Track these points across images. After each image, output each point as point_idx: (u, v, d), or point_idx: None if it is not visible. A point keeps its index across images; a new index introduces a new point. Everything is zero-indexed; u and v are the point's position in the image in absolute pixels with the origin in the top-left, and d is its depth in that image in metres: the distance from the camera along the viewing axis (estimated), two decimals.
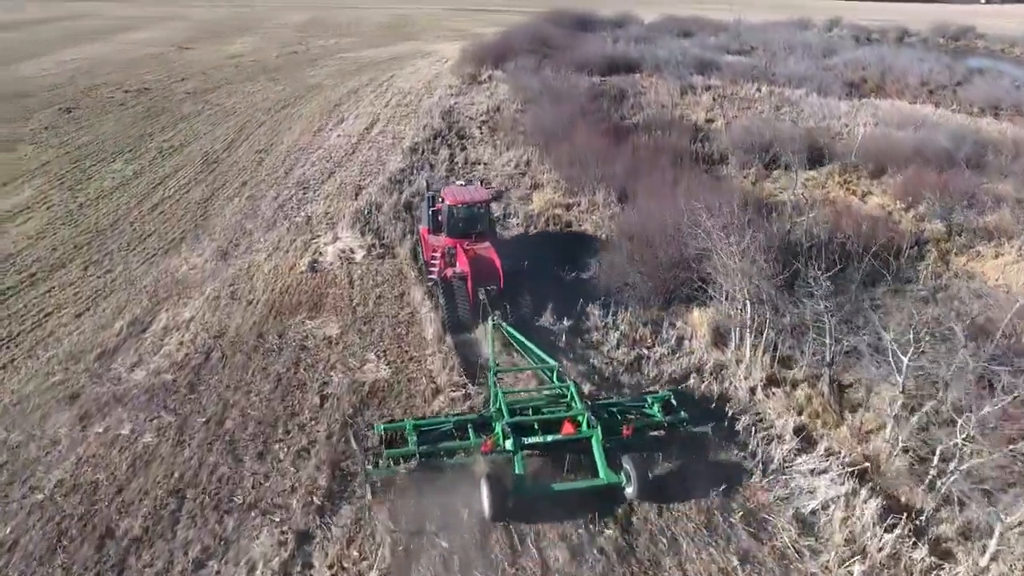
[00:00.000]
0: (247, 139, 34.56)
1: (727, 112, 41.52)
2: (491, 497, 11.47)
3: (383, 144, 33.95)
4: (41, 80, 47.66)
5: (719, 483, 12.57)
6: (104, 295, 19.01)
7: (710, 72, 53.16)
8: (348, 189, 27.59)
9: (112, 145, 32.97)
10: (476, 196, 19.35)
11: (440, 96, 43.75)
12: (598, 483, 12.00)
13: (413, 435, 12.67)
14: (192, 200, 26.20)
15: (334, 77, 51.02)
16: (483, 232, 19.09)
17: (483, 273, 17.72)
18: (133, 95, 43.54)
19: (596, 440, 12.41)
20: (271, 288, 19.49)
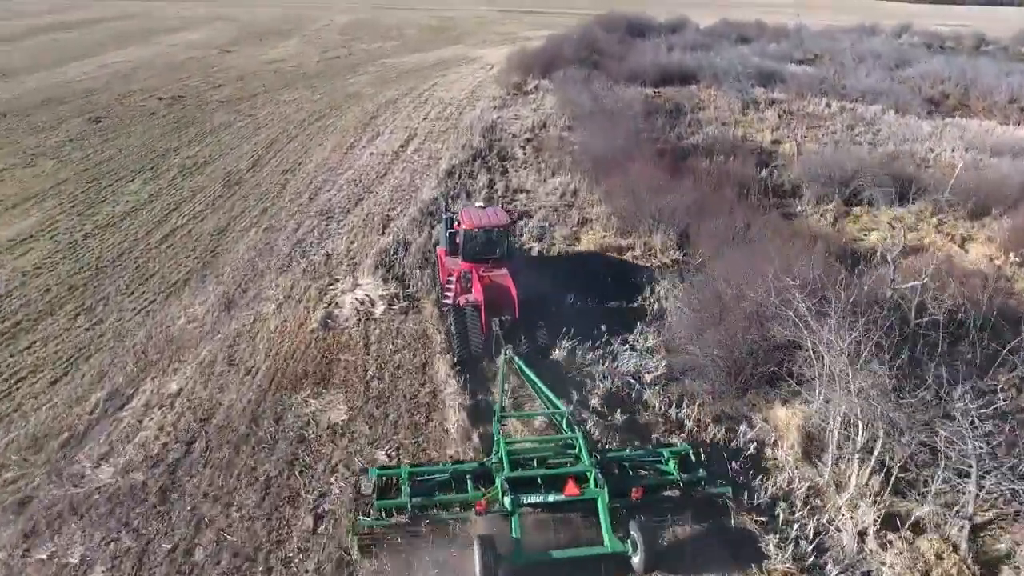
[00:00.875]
0: (275, 156, 32.07)
1: (796, 133, 37.44)
2: (483, 563, 10.45)
3: (418, 165, 31.04)
4: (78, 84, 46.31)
5: (738, 555, 11.25)
6: (87, 354, 16.47)
7: (773, 84, 48.96)
8: (375, 221, 24.73)
9: (134, 161, 30.84)
10: (494, 220, 17.96)
11: (482, 109, 40.67)
12: (601, 551, 10.91)
13: (407, 484, 11.77)
14: (205, 231, 23.68)
15: (374, 85, 48.46)
16: (501, 258, 17.80)
17: (498, 302, 16.63)
18: (166, 103, 41.64)
19: (602, 502, 11.29)
20: (275, 351, 16.69)
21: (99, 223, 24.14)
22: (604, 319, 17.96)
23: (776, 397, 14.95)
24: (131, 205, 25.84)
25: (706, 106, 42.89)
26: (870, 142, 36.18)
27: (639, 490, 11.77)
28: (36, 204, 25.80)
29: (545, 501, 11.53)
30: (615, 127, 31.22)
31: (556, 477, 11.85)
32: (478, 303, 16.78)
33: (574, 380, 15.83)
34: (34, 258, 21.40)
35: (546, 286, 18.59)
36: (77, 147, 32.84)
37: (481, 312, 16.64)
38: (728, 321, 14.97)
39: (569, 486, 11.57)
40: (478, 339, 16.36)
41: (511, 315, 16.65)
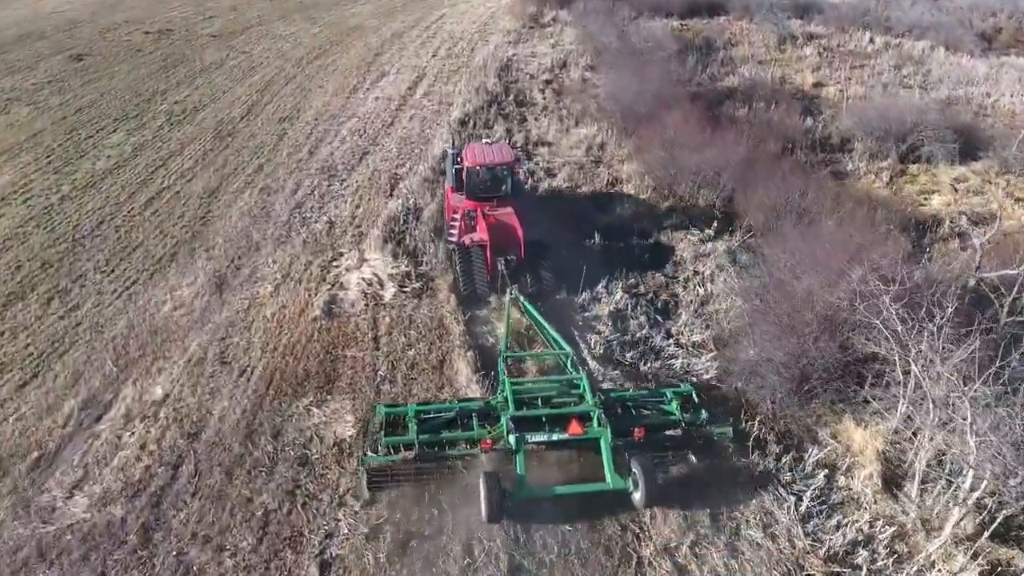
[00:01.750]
0: (271, 101, 29.19)
1: (839, 74, 34.02)
2: (488, 498, 10.61)
3: (428, 112, 28.18)
4: (59, 16, 42.74)
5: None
6: (61, 349, 14.52)
7: (810, 16, 44.81)
8: (382, 180, 22.24)
9: (117, 108, 28.08)
10: (499, 158, 17.16)
11: (496, 45, 37.16)
12: (603, 488, 11.10)
13: (414, 422, 11.90)
14: (194, 193, 21.30)
15: (377, 16, 44.61)
16: (506, 196, 17.21)
17: (503, 241, 16.31)
18: (153, 38, 38.25)
19: (605, 441, 11.39)
20: (273, 346, 14.69)
21: (77, 183, 21.75)
22: (637, 303, 15.86)
23: (846, 409, 12.97)
24: (113, 161, 23.36)
25: (739, 42, 39.13)
26: (921, 85, 32.88)
27: (641, 430, 11.73)
28: (9, 160, 23.35)
29: (549, 440, 11.58)
30: (644, 68, 28.12)
31: (560, 417, 11.92)
32: (483, 243, 16.32)
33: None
34: (5, 227, 19.19)
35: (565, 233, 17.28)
36: (56, 90, 29.98)
37: (486, 252, 16.20)
38: (796, 322, 12.79)
39: (573, 425, 11.66)
40: (483, 279, 16.08)
41: (516, 255, 16.30)
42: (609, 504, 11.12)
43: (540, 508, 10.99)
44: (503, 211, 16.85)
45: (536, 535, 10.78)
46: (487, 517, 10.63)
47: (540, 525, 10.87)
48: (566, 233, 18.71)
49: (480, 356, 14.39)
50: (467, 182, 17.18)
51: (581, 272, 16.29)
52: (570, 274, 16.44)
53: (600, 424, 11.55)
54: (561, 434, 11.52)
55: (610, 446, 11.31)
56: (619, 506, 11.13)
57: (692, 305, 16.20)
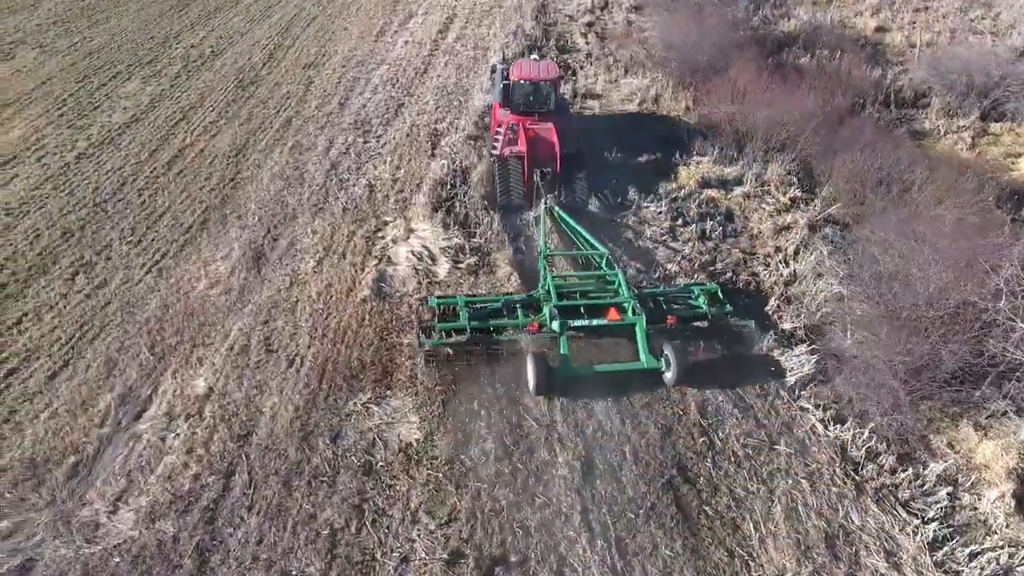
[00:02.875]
0: (294, 45, 26.94)
1: (902, 17, 31.24)
2: (536, 373, 11.73)
3: (463, 58, 25.94)
4: None
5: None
6: (91, 333, 13.18)
7: None
8: (421, 137, 20.37)
9: (130, 52, 25.93)
10: (543, 73, 17.59)
11: None
12: (638, 367, 12.14)
13: (465, 310, 12.85)
14: (220, 150, 19.54)
15: None
16: (549, 112, 17.48)
17: (540, 154, 16.72)
18: None
19: (640, 327, 12.40)
20: (321, 331, 13.31)
21: (93, 139, 19.99)
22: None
23: (962, 414, 11.61)
24: (130, 113, 21.49)
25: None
26: (991, 31, 30.16)
27: (673, 318, 12.89)
28: (18, 112, 21.51)
29: (589, 325, 12.56)
30: (697, 11, 25.60)
31: (598, 307, 12.90)
32: (521, 154, 16.80)
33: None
34: (19, 189, 17.59)
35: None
36: (63, 32, 27.75)
37: (524, 163, 16.71)
38: (919, 317, 11.27)
39: (611, 312, 12.73)
40: (519, 189, 16.69)
41: (553, 168, 16.68)
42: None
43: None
44: (544, 125, 17.12)
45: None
46: (535, 390, 11.82)
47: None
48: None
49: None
50: (512, 96, 17.54)
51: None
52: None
53: (635, 312, 12.52)
54: (600, 320, 12.58)
55: (644, 332, 12.30)
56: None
57: (777, 288, 14.64)
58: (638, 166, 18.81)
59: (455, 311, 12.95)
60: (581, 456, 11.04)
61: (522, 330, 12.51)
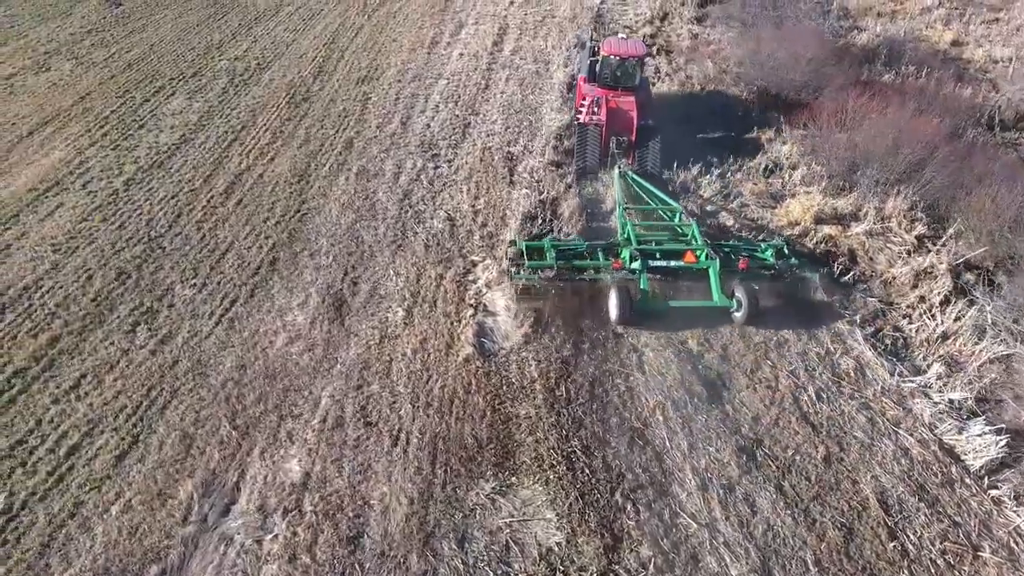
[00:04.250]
0: (343, 57, 25.04)
1: (972, 28, 29.24)
2: (619, 304, 12.63)
3: (524, 72, 24.01)
4: None
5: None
6: (160, 401, 11.30)
7: None
8: (496, 161, 18.47)
9: (171, 64, 24.06)
10: (631, 50, 18.30)
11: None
12: (711, 304, 12.92)
13: (551, 251, 13.51)
14: (280, 176, 17.65)
15: None
16: (632, 87, 18.18)
17: (618, 123, 17.68)
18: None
19: (713, 270, 13.13)
20: (425, 399, 11.41)
21: (141, 162, 18.11)
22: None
23: None
24: (178, 133, 19.60)
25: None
26: None
27: (744, 261, 13.56)
28: (58, 130, 19.64)
29: (667, 266, 13.43)
30: (767, 23, 23.61)
31: (674, 252, 13.70)
32: (601, 123, 17.71)
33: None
34: (66, 221, 15.71)
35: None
36: (98, 42, 25.88)
37: (602, 131, 17.66)
38: None
39: (688, 255, 13.53)
40: (595, 155, 17.62)
41: (628, 137, 17.58)
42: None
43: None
44: (625, 98, 17.82)
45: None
46: (616, 319, 12.76)
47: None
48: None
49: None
50: (600, 70, 18.29)
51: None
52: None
53: (709, 257, 13.32)
54: (678, 261, 13.46)
55: (717, 274, 13.07)
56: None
57: (930, 346, 12.70)
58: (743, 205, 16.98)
59: (541, 252, 13.65)
60: (756, 568, 9.13)
61: (605, 269, 13.40)
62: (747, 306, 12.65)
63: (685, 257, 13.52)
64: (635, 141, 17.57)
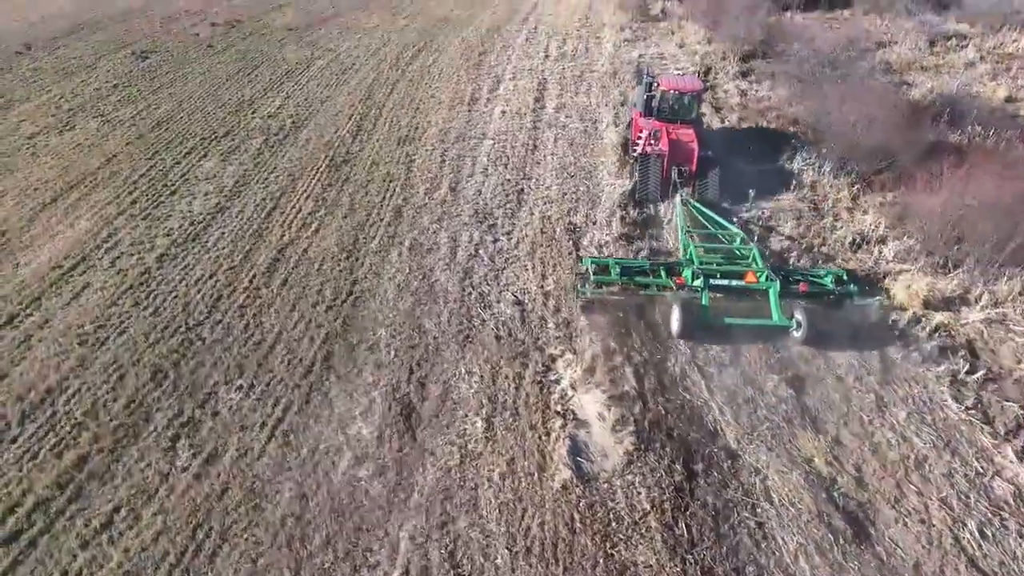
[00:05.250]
0: (380, 115, 23.65)
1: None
2: (681, 317, 12.98)
3: (572, 131, 22.57)
4: (112, 3, 36.93)
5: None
6: (210, 544, 9.32)
7: (946, 10, 38.56)
8: (558, 232, 16.80)
9: (201, 123, 22.63)
10: (688, 85, 19.44)
11: (613, 44, 31.40)
12: (771, 323, 13.08)
13: (616, 268, 13.99)
14: (327, 251, 15.95)
15: (463, 5, 38.62)
16: (689, 120, 19.08)
17: (679, 154, 18.20)
18: (221, 31, 32.58)
19: (773, 290, 13.37)
20: (523, 541, 9.47)
21: (175, 234, 16.44)
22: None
23: None
24: (213, 200, 17.99)
25: (886, 42, 33.09)
26: None
27: (804, 284, 13.76)
28: (83, 196, 18.04)
29: (729, 285, 13.73)
30: (843, 81, 22.21)
31: (735, 272, 13.97)
32: (662, 153, 18.21)
33: None
34: (93, 304, 13.94)
35: None
36: (124, 98, 24.52)
37: (664, 161, 18.17)
38: None
39: (749, 275, 13.81)
40: (656, 184, 18.09)
41: (688, 167, 18.14)
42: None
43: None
44: (684, 131, 18.53)
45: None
46: (678, 333, 13.06)
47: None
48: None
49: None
50: (658, 104, 19.02)
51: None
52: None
53: (769, 279, 13.53)
54: (739, 281, 13.71)
55: (777, 294, 13.27)
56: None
57: None
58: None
59: (607, 269, 14.10)
60: None
61: (666, 286, 13.82)
62: (806, 326, 12.84)
63: (746, 277, 13.81)
64: (695, 171, 18.12)
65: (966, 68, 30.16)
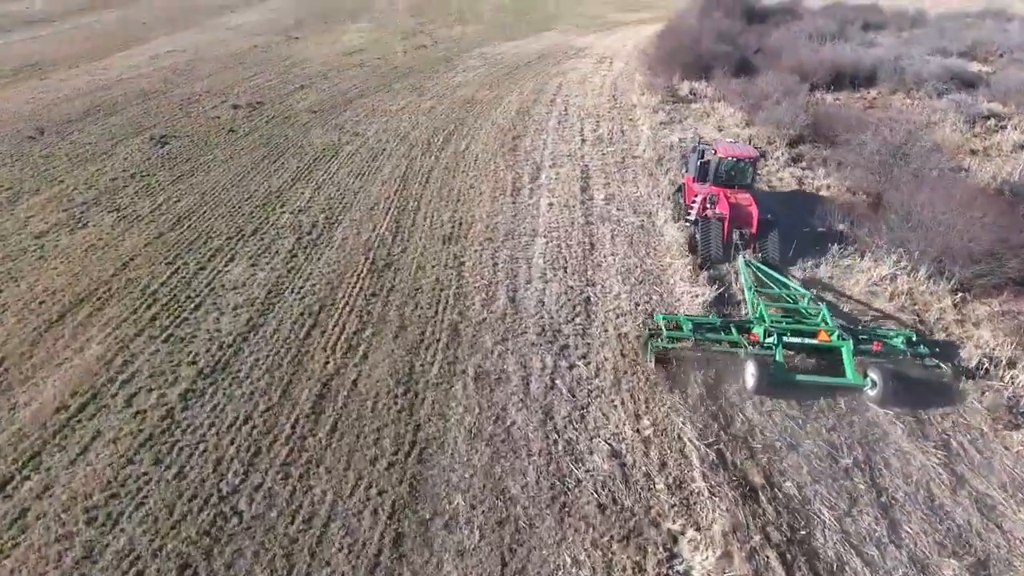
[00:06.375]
0: (419, 208, 21.64)
1: None
2: (758, 374, 12.93)
3: (628, 227, 20.50)
4: (129, 84, 35.63)
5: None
6: None
7: (973, 90, 37.73)
8: (634, 352, 14.46)
9: (226, 218, 20.52)
10: (743, 152, 20.21)
11: (649, 127, 29.94)
12: (846, 382, 13.12)
13: (688, 324, 14.33)
14: (380, 384, 13.45)
15: (487, 85, 37.53)
16: (745, 185, 19.76)
17: (739, 217, 18.48)
18: (244, 114, 31.01)
19: (847, 349, 13.37)
20: None
21: (200, 362, 13.94)
22: None
23: None
24: (243, 316, 15.60)
25: (928, 123, 31.81)
26: None
27: (878, 343, 13.71)
28: (96, 311, 15.63)
29: (802, 343, 13.81)
30: (925, 181, 20.33)
31: (807, 331, 13.99)
32: (723, 216, 18.43)
33: None
34: (104, 464, 11.27)
35: None
36: (142, 189, 22.48)
37: (724, 224, 18.36)
38: None
39: (821, 334, 13.87)
40: (719, 247, 18.20)
41: (749, 230, 18.30)
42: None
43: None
44: (742, 195, 19.12)
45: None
46: (754, 389, 13.03)
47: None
48: None
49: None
50: (714, 170, 19.70)
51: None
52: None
53: (842, 338, 13.53)
54: (811, 340, 13.80)
55: (851, 353, 13.28)
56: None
57: None
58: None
59: (678, 325, 14.38)
60: None
61: (739, 344, 13.81)
62: (883, 387, 12.69)
63: (818, 336, 13.86)
64: (756, 233, 18.38)
65: (1014, 151, 28.78)
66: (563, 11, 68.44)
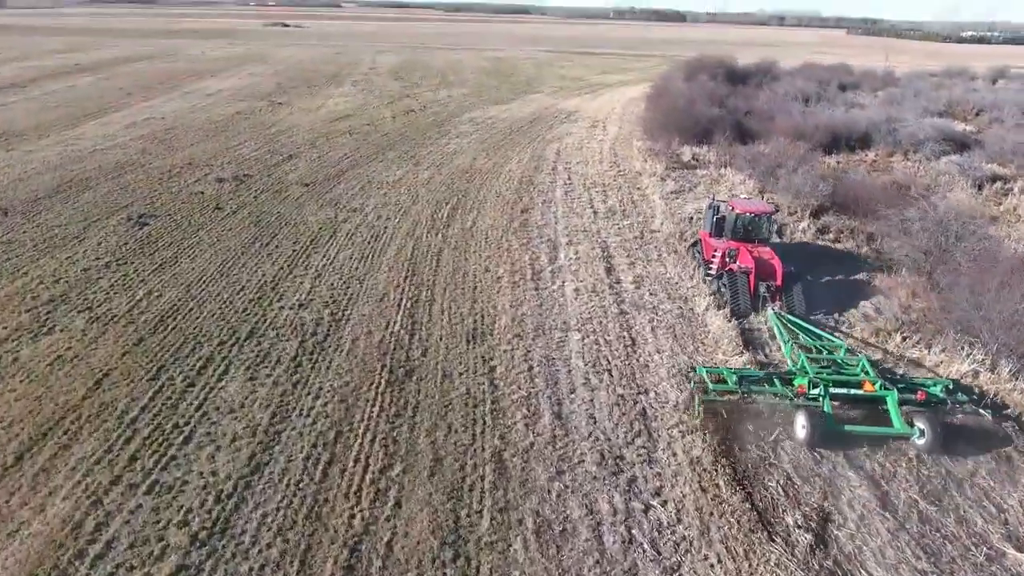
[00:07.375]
0: (434, 299, 19.24)
1: None
2: (810, 426, 12.75)
3: (667, 316, 18.39)
4: (103, 155, 33.07)
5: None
6: None
7: (970, 151, 37.45)
8: (722, 484, 12.07)
9: (216, 316, 17.82)
10: (759, 208, 20.76)
11: (660, 196, 28.38)
12: (894, 432, 12.97)
13: (734, 377, 14.29)
14: (421, 548, 10.62)
15: (483, 152, 35.90)
16: (764, 239, 20.42)
17: (763, 270, 18.79)
18: (230, 187, 28.61)
19: (892, 399, 13.37)
20: None
21: (193, 523, 11.05)
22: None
23: None
24: (244, 451, 12.79)
25: (931, 187, 30.93)
26: None
27: (922, 392, 13.80)
28: (62, 450, 12.66)
29: (848, 394, 13.76)
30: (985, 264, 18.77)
31: (851, 381, 14.03)
32: (747, 269, 18.86)
33: None
34: None
35: None
36: (118, 282, 19.70)
37: (750, 277, 18.73)
38: None
39: (866, 384, 13.84)
40: (746, 299, 18.45)
41: (774, 282, 18.60)
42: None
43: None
44: (764, 249, 19.63)
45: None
46: (807, 442, 12.78)
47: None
48: None
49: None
50: (733, 226, 20.16)
51: None
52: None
53: (885, 388, 13.60)
54: (857, 390, 13.76)
55: (896, 402, 13.28)
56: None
57: None
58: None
59: (721, 378, 14.38)
60: None
61: (780, 396, 13.72)
62: (931, 435, 12.64)
63: (863, 386, 13.81)
64: (781, 285, 18.51)
65: (1020, 220, 27.84)
66: (544, 74, 68.34)
